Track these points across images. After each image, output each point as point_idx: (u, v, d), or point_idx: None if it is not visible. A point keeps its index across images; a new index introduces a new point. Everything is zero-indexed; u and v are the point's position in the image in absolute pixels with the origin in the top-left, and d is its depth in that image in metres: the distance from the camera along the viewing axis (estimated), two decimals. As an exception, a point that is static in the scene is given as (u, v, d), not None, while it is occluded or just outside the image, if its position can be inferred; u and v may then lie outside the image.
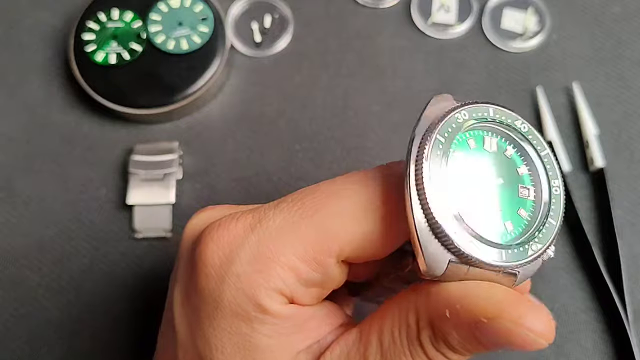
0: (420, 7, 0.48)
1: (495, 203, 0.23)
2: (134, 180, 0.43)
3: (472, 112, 0.23)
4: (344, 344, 0.25)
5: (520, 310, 0.21)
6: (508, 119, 0.23)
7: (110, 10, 0.46)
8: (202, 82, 0.45)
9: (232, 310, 0.24)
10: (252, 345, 0.24)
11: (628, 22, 0.47)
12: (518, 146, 0.24)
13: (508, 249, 0.22)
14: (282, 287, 0.23)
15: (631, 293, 0.41)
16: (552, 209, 0.23)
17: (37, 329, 0.42)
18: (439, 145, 0.22)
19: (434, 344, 0.23)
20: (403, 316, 0.23)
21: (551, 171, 0.23)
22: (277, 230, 0.23)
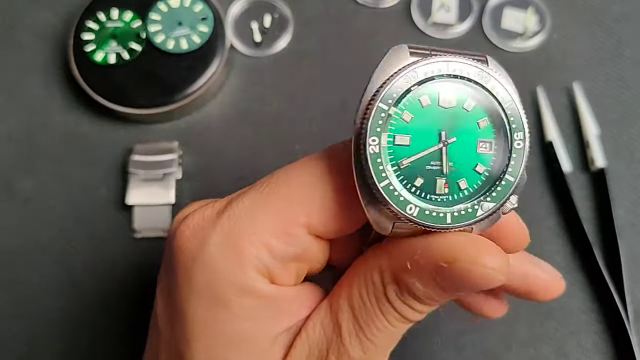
0: (420, 6, 0.48)
1: (445, 162, 0.22)
2: (133, 180, 0.43)
3: (423, 70, 0.22)
4: (316, 316, 0.25)
5: (476, 251, 0.22)
6: (466, 71, 0.22)
7: (109, 9, 0.46)
8: (202, 82, 0.44)
9: (209, 295, 0.24)
10: (231, 332, 0.24)
11: (628, 22, 0.47)
12: (479, 98, 0.23)
13: (455, 209, 0.22)
14: (257, 264, 0.23)
15: (632, 293, 0.41)
16: (512, 165, 0.22)
17: (36, 329, 0.42)
18: (380, 113, 0.22)
19: (400, 297, 0.23)
20: (368, 277, 0.24)
21: (514, 123, 0.22)
22: (246, 210, 0.24)
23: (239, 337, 0.24)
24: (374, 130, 0.22)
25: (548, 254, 0.42)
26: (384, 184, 0.22)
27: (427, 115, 0.22)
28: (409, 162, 0.22)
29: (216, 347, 0.24)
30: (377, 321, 0.24)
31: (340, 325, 0.24)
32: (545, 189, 0.44)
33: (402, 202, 0.22)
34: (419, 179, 0.22)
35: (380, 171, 0.22)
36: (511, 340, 0.41)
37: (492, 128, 0.23)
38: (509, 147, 0.22)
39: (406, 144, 0.22)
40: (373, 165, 0.22)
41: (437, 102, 0.23)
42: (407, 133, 0.22)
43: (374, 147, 0.22)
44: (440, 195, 0.23)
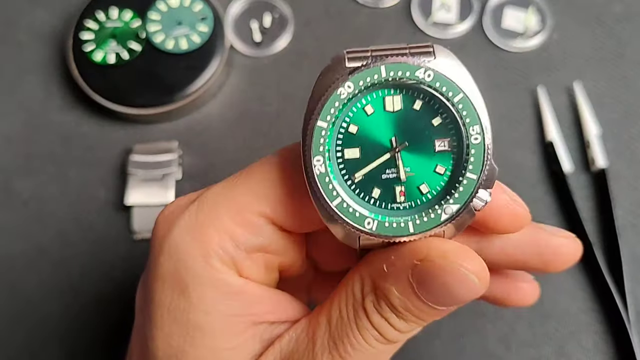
0: (420, 6, 0.48)
1: (401, 168, 0.22)
2: (132, 181, 0.43)
3: (359, 80, 0.21)
4: (293, 331, 0.24)
5: (446, 247, 0.21)
6: (406, 71, 0.21)
7: (109, 9, 0.46)
8: (202, 82, 0.44)
9: (172, 281, 0.23)
10: (191, 322, 0.23)
11: (629, 22, 0.47)
12: (427, 96, 0.22)
13: (417, 216, 0.21)
14: (220, 254, 0.23)
15: (633, 294, 0.41)
16: (471, 161, 0.21)
17: (35, 330, 0.41)
18: (320, 132, 0.21)
19: (378, 308, 0.22)
20: (349, 288, 0.23)
21: (468, 117, 0.21)
22: (213, 198, 0.24)
23: (197, 329, 0.23)
24: (316, 150, 0.21)
25: (549, 255, 0.42)
26: (336, 202, 0.21)
27: (374, 124, 0.22)
28: (362, 175, 0.22)
29: (175, 335, 0.24)
30: (352, 337, 0.23)
31: (314, 341, 0.23)
32: (545, 189, 0.43)
33: (358, 218, 0.21)
34: (376, 189, 0.22)
35: (330, 190, 0.21)
36: (511, 340, 0.41)
37: (446, 125, 0.22)
38: (467, 142, 0.21)
39: (357, 157, 0.22)
40: (322, 185, 0.21)
41: (382, 108, 0.22)
42: (356, 145, 0.22)
43: (319, 168, 0.21)
44: (401, 204, 0.22)
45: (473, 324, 0.41)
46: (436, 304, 0.22)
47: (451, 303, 0.22)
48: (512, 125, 0.45)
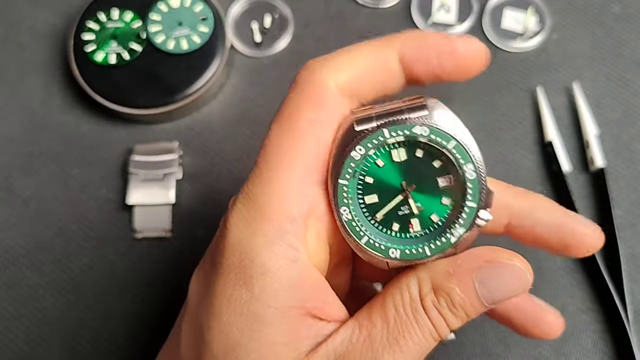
0: (420, 7, 0.48)
1: (413, 205, 0.26)
2: (133, 180, 0.43)
3: (367, 143, 0.26)
4: (344, 332, 0.25)
5: (506, 251, 0.26)
6: (405, 130, 0.26)
7: (110, 10, 0.46)
8: (202, 82, 0.45)
9: (236, 273, 0.24)
10: (251, 314, 0.24)
11: (628, 22, 0.47)
12: (425, 145, 0.26)
13: (432, 241, 0.26)
14: (280, 235, 0.24)
15: (631, 293, 0.41)
16: (469, 193, 0.25)
17: (36, 329, 0.42)
18: (343, 188, 0.26)
19: (437, 306, 0.25)
20: (405, 290, 0.26)
21: (462, 159, 0.26)
22: (251, 190, 0.25)
23: (256, 321, 0.24)
24: (342, 202, 0.26)
25: (547, 254, 0.42)
26: (364, 240, 0.26)
27: (386, 173, 0.26)
28: (382, 215, 0.26)
29: (234, 327, 0.24)
30: (413, 332, 0.25)
31: (372, 340, 0.25)
32: (544, 189, 0.44)
33: (383, 251, 0.26)
34: (395, 224, 0.26)
35: (358, 231, 0.26)
36: (511, 340, 0.41)
37: (445, 165, 0.26)
38: (464, 179, 0.26)
39: (376, 201, 0.26)
40: (350, 228, 0.26)
41: (390, 160, 0.26)
42: (374, 192, 0.26)
43: (346, 215, 0.26)
44: (418, 232, 0.26)
45: (472, 323, 0.41)
46: (489, 300, 0.26)
47: (502, 298, 0.26)
48: (511, 125, 0.45)
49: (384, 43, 0.27)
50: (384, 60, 0.27)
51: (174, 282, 0.42)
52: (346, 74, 0.27)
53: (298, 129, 0.26)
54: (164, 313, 0.41)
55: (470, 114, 0.45)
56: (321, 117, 0.26)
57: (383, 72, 0.27)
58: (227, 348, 0.24)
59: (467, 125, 0.47)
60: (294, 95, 0.27)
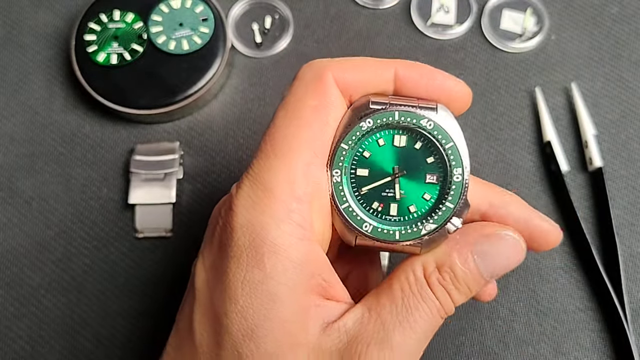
0: (419, 7, 0.49)
1: (397, 190, 0.28)
2: (135, 180, 0.43)
3: (377, 119, 0.27)
4: (354, 314, 0.27)
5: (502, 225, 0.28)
6: (413, 119, 0.27)
7: (111, 11, 0.46)
8: (203, 83, 0.45)
9: (247, 255, 0.25)
10: (265, 293, 0.25)
11: (626, 23, 0.48)
12: (426, 140, 0.28)
13: (403, 228, 0.27)
14: (289, 214, 0.25)
15: (630, 292, 0.41)
16: (451, 194, 0.27)
17: (38, 328, 0.42)
18: (342, 152, 0.27)
19: (442, 282, 0.27)
20: (410, 272, 0.27)
21: (454, 161, 0.27)
22: (257, 173, 0.26)
23: (270, 299, 0.25)
24: (336, 165, 0.27)
25: (546, 254, 0.43)
26: (344, 206, 0.27)
27: (383, 153, 0.28)
28: (367, 189, 0.28)
29: (250, 309, 0.25)
30: (421, 309, 0.27)
31: (383, 320, 0.26)
32: (543, 188, 0.44)
33: (358, 221, 0.28)
34: (376, 203, 0.28)
35: (341, 196, 0.28)
36: (509, 339, 0.41)
37: (437, 164, 0.28)
38: (450, 180, 0.27)
39: (365, 175, 0.28)
40: (335, 191, 0.27)
41: (391, 142, 0.28)
42: (366, 167, 0.28)
43: (336, 178, 0.27)
44: (393, 217, 0.28)
45: (471, 322, 0.41)
46: (488, 273, 0.28)
47: (501, 270, 0.28)
48: (510, 125, 0.45)
49: (384, 60, 0.29)
50: (383, 70, 0.28)
51: (174, 281, 0.43)
52: (347, 73, 0.28)
53: (304, 115, 0.27)
54: (164, 312, 0.42)
55: (470, 114, 0.46)
56: (325, 103, 0.27)
57: (379, 80, 0.28)
58: (246, 330, 0.25)
59: (467, 125, 0.48)
60: (298, 85, 0.28)
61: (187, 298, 0.29)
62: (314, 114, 0.27)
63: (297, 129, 0.27)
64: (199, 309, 0.27)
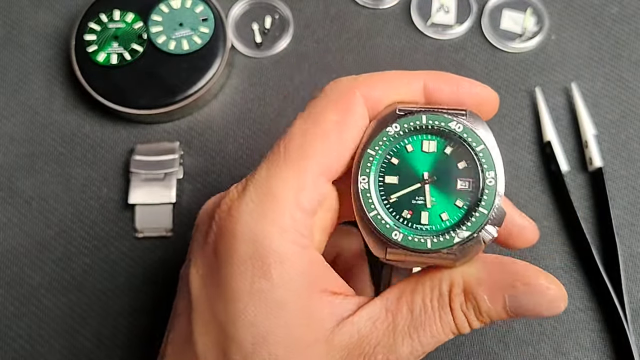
0: (419, 7, 0.49)
1: (428, 197, 0.27)
2: (135, 180, 0.43)
3: (404, 123, 0.27)
4: (368, 313, 0.26)
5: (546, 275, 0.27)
6: (442, 122, 0.27)
7: (111, 11, 0.46)
8: (203, 83, 0.45)
9: (252, 265, 0.25)
10: (273, 301, 0.25)
11: (626, 23, 0.48)
12: (456, 144, 0.27)
13: (435, 236, 0.26)
14: (293, 225, 0.25)
15: (630, 292, 0.41)
16: (484, 199, 0.26)
17: (38, 328, 0.42)
18: (369, 158, 0.26)
19: (464, 309, 0.26)
20: (436, 286, 0.26)
21: (486, 164, 0.26)
22: (264, 179, 0.26)
23: (280, 307, 0.25)
24: (363, 171, 0.27)
25: (546, 254, 0.43)
26: (372, 214, 0.26)
27: (412, 160, 0.27)
28: (396, 197, 0.27)
29: (260, 317, 0.25)
30: (434, 327, 0.26)
31: (395, 326, 0.26)
32: (543, 188, 0.44)
33: (388, 229, 0.26)
34: (407, 211, 0.27)
35: (369, 203, 0.26)
36: (509, 338, 0.41)
37: (468, 169, 0.27)
38: (483, 185, 0.26)
39: (395, 183, 0.27)
40: (363, 198, 0.26)
41: (420, 148, 0.27)
42: (395, 174, 0.27)
43: (364, 185, 0.26)
44: (424, 225, 0.27)
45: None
46: (514, 312, 0.26)
47: (528, 314, 0.27)
48: (510, 125, 0.45)
49: (412, 72, 0.29)
50: (411, 83, 0.28)
51: (175, 281, 0.42)
52: (376, 90, 0.27)
53: (322, 127, 0.26)
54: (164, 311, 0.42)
55: (470, 114, 0.46)
56: (347, 121, 0.27)
57: (408, 93, 0.28)
58: (256, 338, 0.25)
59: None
60: (321, 99, 0.28)
61: (181, 306, 0.28)
62: (333, 128, 0.26)
63: (313, 139, 0.26)
64: (199, 319, 0.26)
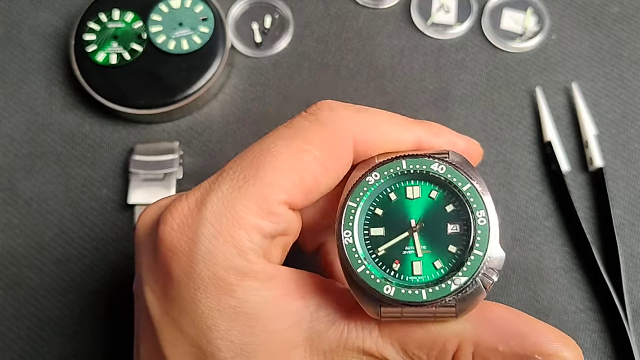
0: (419, 7, 0.48)
1: (417, 246, 0.25)
2: (134, 180, 0.43)
3: (384, 170, 0.26)
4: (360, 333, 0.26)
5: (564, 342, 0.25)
6: (423, 165, 0.25)
7: (111, 10, 0.46)
8: (203, 82, 0.45)
9: (215, 286, 0.24)
10: (244, 314, 0.25)
11: (627, 22, 0.48)
12: (442, 187, 0.26)
13: (430, 286, 0.24)
14: (252, 247, 0.25)
15: (630, 293, 0.41)
16: (478, 240, 0.25)
17: (38, 329, 0.42)
18: (351, 210, 0.25)
19: None
20: (440, 341, 0.25)
21: (475, 204, 0.25)
22: (227, 198, 0.25)
23: (252, 319, 0.25)
24: (346, 225, 0.25)
25: (547, 254, 0.42)
26: (360, 269, 0.25)
27: (397, 208, 0.26)
28: (384, 249, 0.25)
29: (235, 331, 0.25)
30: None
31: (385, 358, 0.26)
32: (543, 188, 0.44)
33: (378, 284, 0.25)
34: (396, 263, 0.25)
35: (355, 259, 0.25)
36: (510, 339, 0.41)
37: (457, 211, 0.25)
38: (475, 225, 0.25)
39: (381, 234, 0.26)
40: (349, 253, 0.25)
41: (404, 195, 0.26)
42: (381, 225, 0.26)
43: (348, 239, 0.25)
44: (418, 276, 0.25)
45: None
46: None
47: None
48: (511, 125, 0.45)
49: (409, 122, 0.28)
50: (406, 134, 0.27)
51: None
52: (370, 133, 0.26)
53: (302, 160, 0.25)
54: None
55: (470, 114, 0.46)
56: (330, 165, 0.26)
57: (400, 143, 0.27)
58: (234, 351, 0.25)
59: (467, 125, 0.48)
60: (311, 124, 0.26)
61: (143, 327, 0.27)
62: (313, 165, 0.25)
63: (287, 169, 0.25)
64: (167, 342, 0.25)
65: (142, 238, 0.27)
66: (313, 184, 0.26)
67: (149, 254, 0.27)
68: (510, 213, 0.43)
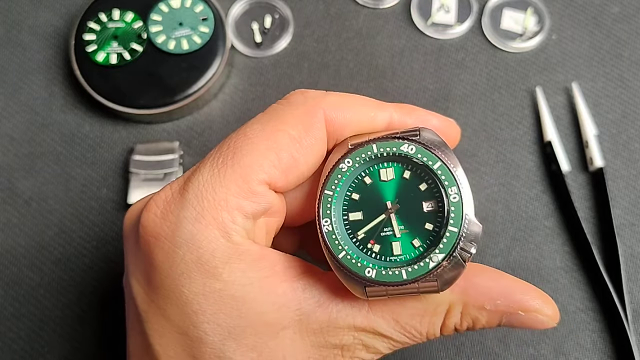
0: (420, 7, 0.48)
1: (395, 227, 0.26)
2: (134, 180, 0.43)
3: (355, 156, 0.26)
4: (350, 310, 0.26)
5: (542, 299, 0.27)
6: (393, 147, 0.26)
7: (111, 10, 0.46)
8: (203, 82, 0.45)
9: (199, 270, 0.24)
10: (231, 297, 0.24)
11: (627, 22, 0.48)
12: (414, 166, 0.26)
13: (410, 265, 0.25)
14: (235, 228, 0.25)
15: (630, 292, 0.41)
16: (452, 217, 0.25)
17: (38, 329, 0.42)
18: (327, 199, 0.26)
19: (458, 327, 0.27)
20: (431, 308, 0.26)
21: (447, 181, 0.25)
22: (208, 182, 0.25)
23: (239, 301, 0.25)
24: (325, 213, 0.26)
25: (547, 254, 0.42)
26: (341, 255, 0.26)
27: (372, 192, 0.26)
28: (363, 233, 0.26)
29: (221, 314, 0.25)
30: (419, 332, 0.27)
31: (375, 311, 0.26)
32: (544, 188, 0.44)
33: (359, 268, 0.25)
34: (376, 245, 0.26)
35: (336, 245, 0.26)
36: (510, 339, 0.41)
37: (430, 189, 0.26)
38: (448, 202, 0.25)
39: (360, 219, 0.26)
40: (329, 240, 0.26)
41: (378, 178, 0.26)
42: (358, 210, 0.26)
43: (327, 227, 0.26)
44: (398, 256, 0.26)
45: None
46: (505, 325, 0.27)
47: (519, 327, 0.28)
48: (511, 125, 0.45)
49: (381, 104, 0.28)
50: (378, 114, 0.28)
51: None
52: (340, 113, 0.27)
53: (277, 140, 0.26)
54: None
55: (470, 114, 0.46)
56: (304, 140, 0.26)
57: (373, 124, 0.28)
58: (222, 334, 0.25)
59: (467, 125, 0.47)
60: (284, 107, 0.27)
61: (132, 318, 0.27)
62: (289, 144, 0.26)
63: (265, 150, 0.25)
64: (154, 331, 0.25)
65: (127, 230, 0.28)
66: (291, 162, 0.26)
67: (132, 244, 0.27)
68: (510, 213, 0.43)
